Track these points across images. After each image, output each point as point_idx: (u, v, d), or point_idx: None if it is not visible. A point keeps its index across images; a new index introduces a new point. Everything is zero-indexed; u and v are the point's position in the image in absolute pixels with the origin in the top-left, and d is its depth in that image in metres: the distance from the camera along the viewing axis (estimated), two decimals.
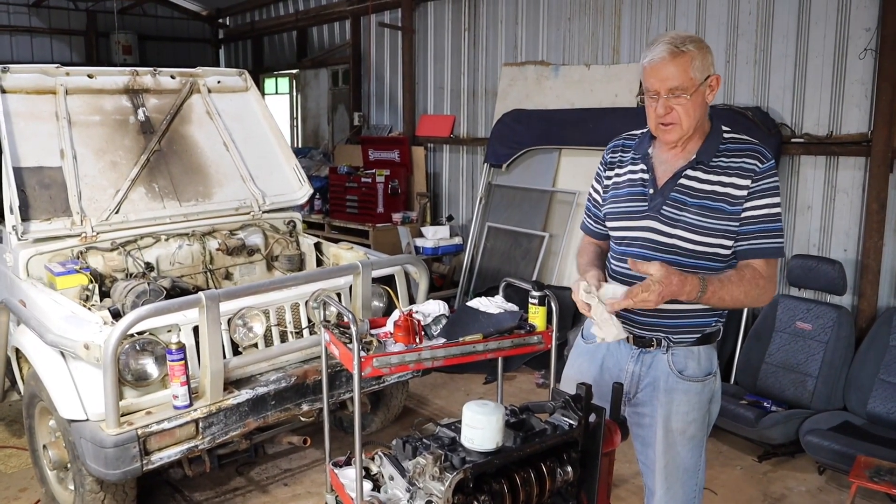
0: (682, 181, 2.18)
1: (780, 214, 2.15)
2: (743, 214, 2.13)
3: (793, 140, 4.72)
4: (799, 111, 4.73)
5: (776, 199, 2.14)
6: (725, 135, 2.20)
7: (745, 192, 2.12)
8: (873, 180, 4.32)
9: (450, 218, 7.37)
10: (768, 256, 2.15)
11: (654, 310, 2.22)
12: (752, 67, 4.92)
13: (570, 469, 1.82)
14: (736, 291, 2.10)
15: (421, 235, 7.05)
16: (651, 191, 2.23)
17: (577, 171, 5.99)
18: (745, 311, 4.69)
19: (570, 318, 5.02)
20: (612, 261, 2.37)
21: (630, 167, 2.32)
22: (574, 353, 2.56)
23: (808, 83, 4.66)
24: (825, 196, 4.67)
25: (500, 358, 3.55)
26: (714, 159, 2.16)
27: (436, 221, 7.50)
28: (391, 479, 1.76)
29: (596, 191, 2.46)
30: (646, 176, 2.26)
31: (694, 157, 2.18)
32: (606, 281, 2.24)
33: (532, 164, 6.35)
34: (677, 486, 2.37)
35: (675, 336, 2.25)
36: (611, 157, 2.41)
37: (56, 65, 4.04)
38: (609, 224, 2.37)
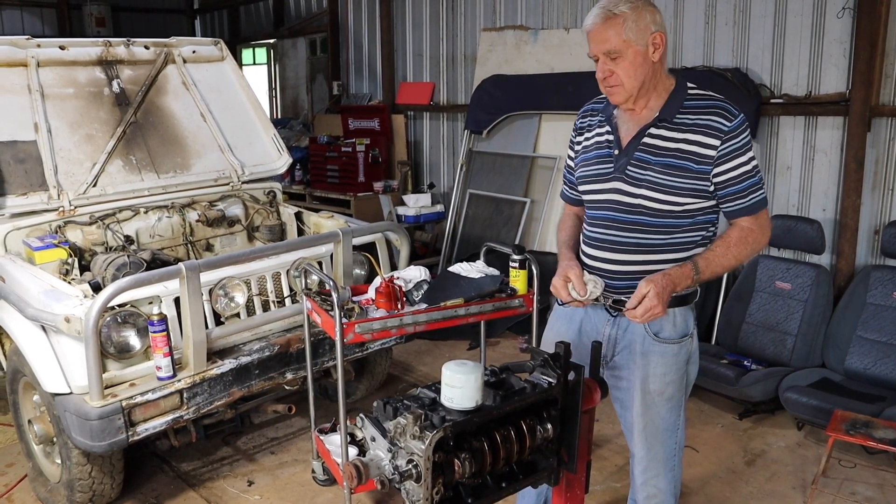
0: (646, 140, 2.18)
1: (758, 167, 2.15)
2: (719, 178, 2.13)
3: (772, 101, 4.72)
4: (778, 72, 4.73)
5: (750, 155, 2.13)
6: (690, 91, 2.19)
7: (713, 153, 2.10)
8: (851, 139, 4.34)
9: (431, 186, 7.34)
10: (754, 212, 2.17)
11: (628, 272, 2.25)
12: (732, 28, 4.90)
13: (549, 426, 1.84)
14: (727, 261, 2.16)
15: (402, 204, 7.02)
16: (616, 151, 2.24)
17: (557, 135, 5.98)
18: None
19: None
20: (586, 226, 2.39)
21: (597, 130, 2.33)
22: (553, 317, 2.58)
23: (786, 43, 4.65)
24: (804, 156, 4.70)
25: (482, 322, 3.60)
26: (678, 116, 2.15)
27: (417, 189, 7.47)
28: (373, 440, 1.77)
29: (570, 157, 2.47)
30: (611, 137, 2.27)
31: (657, 114, 2.17)
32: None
33: (512, 130, 6.33)
34: (657, 445, 2.40)
35: None
36: (581, 122, 2.43)
37: (26, 36, 3.97)
38: (581, 188, 2.38)
